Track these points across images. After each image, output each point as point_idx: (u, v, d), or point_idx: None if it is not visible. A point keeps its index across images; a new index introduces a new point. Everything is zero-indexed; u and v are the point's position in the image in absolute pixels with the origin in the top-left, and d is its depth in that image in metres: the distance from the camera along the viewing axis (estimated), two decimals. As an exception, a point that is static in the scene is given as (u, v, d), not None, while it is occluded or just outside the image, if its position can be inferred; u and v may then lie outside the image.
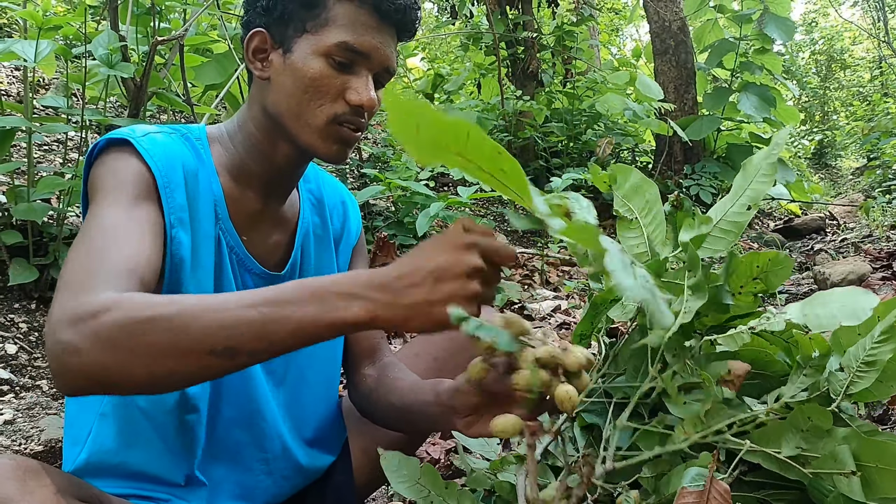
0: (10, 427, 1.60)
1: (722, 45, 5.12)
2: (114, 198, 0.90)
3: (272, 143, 1.05)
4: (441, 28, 7.03)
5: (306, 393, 1.19)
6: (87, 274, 0.79)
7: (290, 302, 0.75)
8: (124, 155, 0.94)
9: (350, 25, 0.98)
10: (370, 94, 0.99)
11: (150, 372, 0.73)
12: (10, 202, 2.04)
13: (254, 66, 1.03)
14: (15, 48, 1.86)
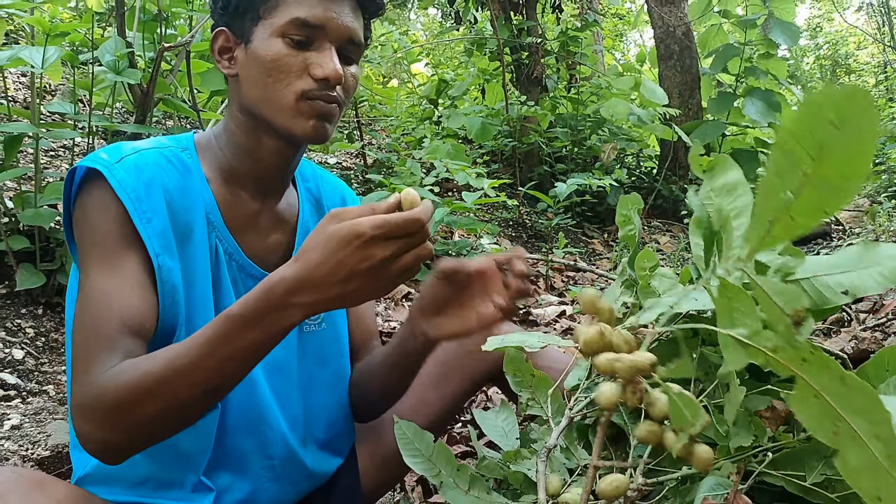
0: (17, 432, 1.60)
1: (727, 50, 5.12)
2: (98, 257, 0.93)
3: (255, 138, 1.04)
4: (445, 34, 7.04)
5: (317, 393, 1.19)
6: (87, 353, 0.88)
7: (236, 337, 0.81)
8: (100, 194, 0.95)
9: (300, 1, 0.97)
10: (333, 66, 0.97)
11: (151, 435, 0.88)
12: (18, 208, 2.05)
13: (222, 65, 1.04)
14: (22, 54, 1.87)
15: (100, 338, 0.89)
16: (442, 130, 5.15)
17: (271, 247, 1.13)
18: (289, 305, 0.80)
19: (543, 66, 5.16)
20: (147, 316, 0.93)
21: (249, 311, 0.81)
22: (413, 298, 2.92)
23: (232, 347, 0.82)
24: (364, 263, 0.78)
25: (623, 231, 0.97)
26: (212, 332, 0.83)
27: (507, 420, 1.09)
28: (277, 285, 0.80)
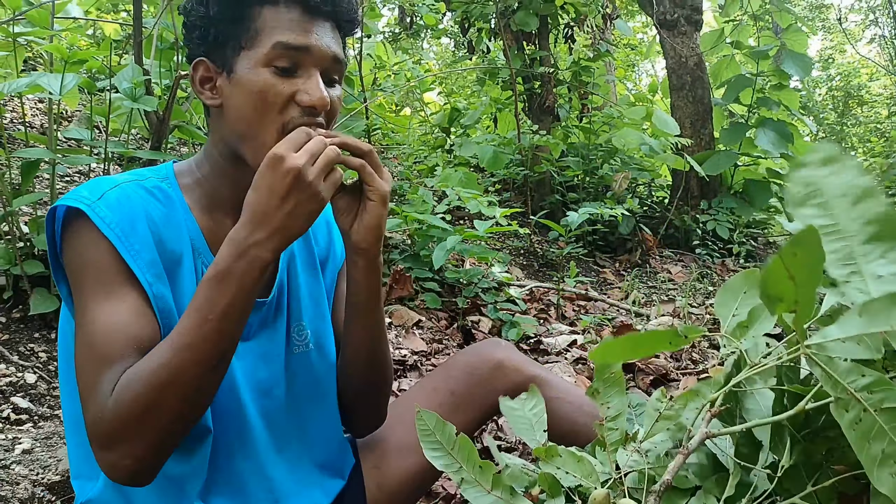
0: (28, 456, 1.60)
1: (739, 81, 5.13)
2: (97, 290, 0.94)
3: (240, 168, 1.04)
4: (458, 63, 7.10)
5: (310, 414, 1.18)
6: (94, 375, 0.90)
7: (220, 294, 0.89)
8: (86, 233, 0.96)
9: (281, 26, 0.97)
10: (321, 93, 0.98)
11: (177, 431, 0.91)
12: (33, 232, 2.07)
13: (203, 95, 1.04)
14: (41, 81, 1.90)
15: (109, 359, 0.90)
16: (454, 159, 5.17)
17: None
18: (250, 247, 0.89)
19: (555, 95, 5.19)
20: (155, 337, 0.94)
21: (220, 268, 0.89)
22: (423, 326, 2.91)
23: (220, 307, 0.88)
24: (289, 178, 0.88)
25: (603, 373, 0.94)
26: (196, 302, 0.89)
27: (534, 410, 1.02)
28: (233, 235, 0.90)
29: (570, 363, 2.49)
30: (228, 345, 0.91)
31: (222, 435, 1.06)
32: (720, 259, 4.67)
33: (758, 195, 5.04)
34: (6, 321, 2.05)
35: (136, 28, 2.02)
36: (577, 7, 5.01)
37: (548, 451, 0.90)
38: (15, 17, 2.00)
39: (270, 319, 1.14)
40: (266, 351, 1.13)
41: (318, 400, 1.20)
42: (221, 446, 1.06)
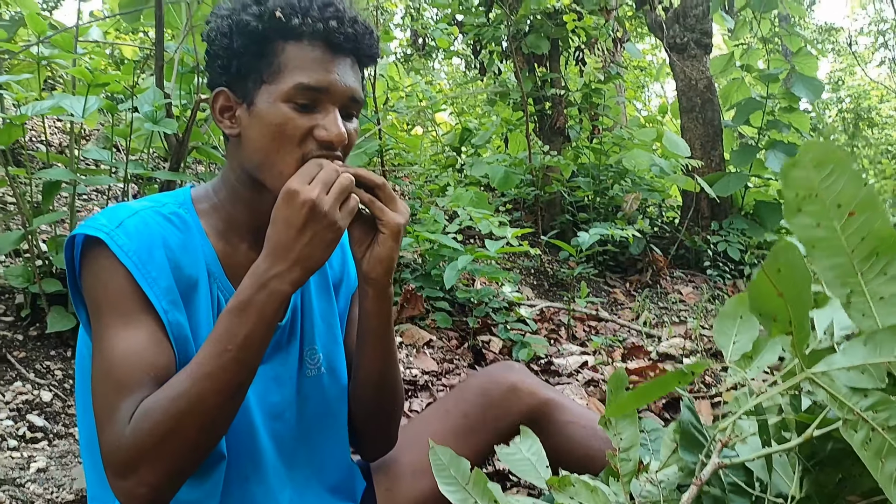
0: (43, 475, 1.62)
1: (749, 104, 5.15)
2: (115, 317, 0.96)
3: (256, 193, 1.07)
4: (469, 84, 7.16)
5: (322, 437, 1.20)
6: (111, 404, 0.92)
7: (240, 325, 0.91)
8: (104, 260, 0.98)
9: (304, 65, 0.99)
10: (338, 129, 1.00)
11: (194, 460, 0.92)
12: (52, 251, 2.10)
13: (223, 124, 1.06)
14: (64, 103, 1.93)
15: (126, 388, 0.92)
16: (465, 178, 5.20)
17: None
18: (270, 279, 0.92)
19: (566, 116, 5.22)
20: (171, 369, 0.97)
21: (241, 299, 0.92)
22: (433, 345, 2.92)
23: (239, 337, 0.91)
24: (305, 210, 0.91)
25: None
26: (216, 333, 0.92)
27: (531, 449, 1.03)
28: (254, 268, 0.93)
29: (581, 385, 2.50)
30: (247, 375, 0.93)
31: (235, 459, 1.07)
32: (731, 280, 4.66)
33: (769, 217, 5.04)
34: (23, 339, 2.07)
35: (157, 52, 2.06)
36: (587, 31, 5.05)
37: (561, 480, 0.91)
38: (40, 40, 2.05)
39: (284, 342, 1.16)
40: (278, 374, 1.14)
41: (330, 423, 1.21)
42: (234, 471, 1.08)
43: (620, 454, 0.90)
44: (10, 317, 2.12)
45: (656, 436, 1.05)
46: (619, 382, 0.87)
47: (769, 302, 0.68)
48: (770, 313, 0.69)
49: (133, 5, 2.74)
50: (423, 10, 7.92)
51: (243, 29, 1.00)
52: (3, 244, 2.01)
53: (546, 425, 1.27)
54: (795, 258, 0.66)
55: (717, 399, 2.37)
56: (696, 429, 0.87)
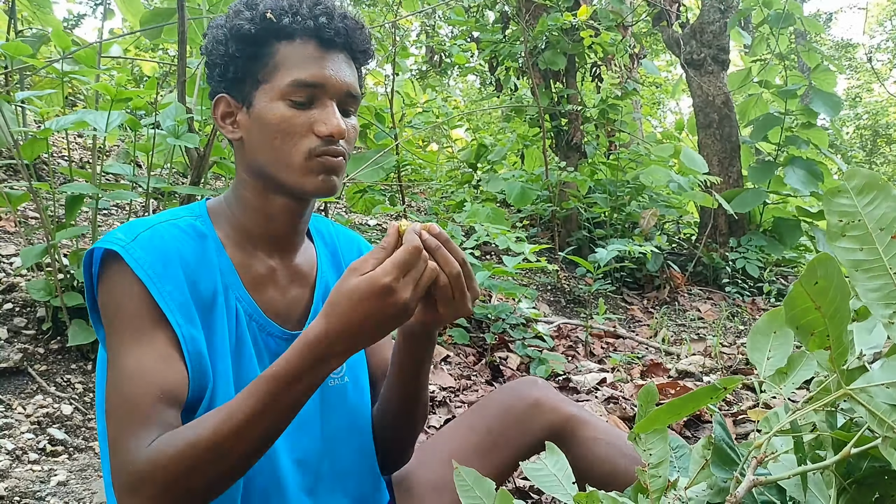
0: (63, 488, 1.62)
1: (767, 120, 5.13)
2: (128, 335, 0.96)
3: (265, 198, 1.08)
4: (485, 100, 7.18)
5: (344, 446, 1.19)
6: (125, 426, 0.91)
7: (282, 395, 0.88)
8: (120, 275, 0.98)
9: (297, 63, 1.01)
10: (337, 122, 1.02)
11: (208, 495, 0.90)
12: (73, 265, 2.11)
13: (225, 130, 1.08)
14: (87, 118, 1.95)
15: (138, 412, 0.92)
16: (481, 194, 5.20)
17: (292, 302, 1.15)
18: (329, 357, 0.88)
19: (583, 132, 5.22)
20: (181, 386, 0.96)
21: (293, 368, 0.88)
22: (451, 361, 2.91)
23: (280, 404, 0.88)
24: (391, 309, 0.87)
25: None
26: (258, 392, 0.88)
27: (557, 465, 1.00)
28: (316, 341, 0.88)
29: (600, 402, 2.47)
30: (277, 436, 0.92)
31: (254, 476, 1.07)
32: (750, 297, 4.62)
33: (788, 233, 5.01)
34: (44, 352, 2.08)
35: (180, 68, 2.08)
36: (604, 47, 5.05)
37: (588, 497, 0.89)
38: (64, 56, 2.07)
39: None
40: None
41: (353, 434, 1.21)
42: (253, 487, 1.07)
43: (650, 470, 0.88)
44: (32, 330, 2.13)
45: (681, 452, 1.03)
46: (649, 398, 0.86)
47: (806, 316, 0.67)
48: (807, 328, 0.67)
49: (154, 22, 2.77)
50: (439, 28, 7.97)
51: (237, 33, 1.02)
52: (26, 258, 2.02)
53: (569, 441, 1.25)
54: (833, 271, 0.65)
55: (740, 416, 2.34)
56: (729, 445, 0.85)
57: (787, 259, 5.24)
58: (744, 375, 2.91)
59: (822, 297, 0.66)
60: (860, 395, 0.71)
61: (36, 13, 3.22)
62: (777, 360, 0.83)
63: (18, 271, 2.29)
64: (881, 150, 13.73)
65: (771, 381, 0.82)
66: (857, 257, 0.72)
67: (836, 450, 0.79)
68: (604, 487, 0.92)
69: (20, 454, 1.72)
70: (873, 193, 0.71)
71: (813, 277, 0.66)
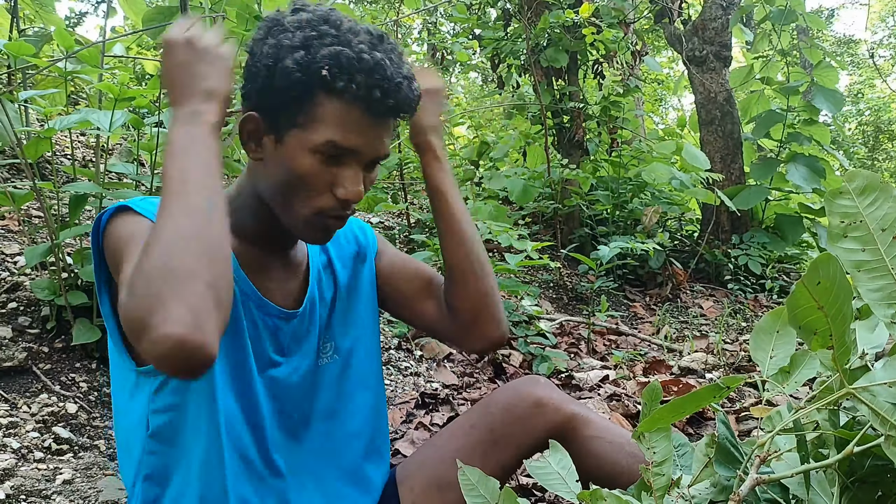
0: (68, 487, 1.62)
1: (769, 116, 5.12)
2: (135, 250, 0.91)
3: (266, 211, 1.09)
4: (487, 97, 7.17)
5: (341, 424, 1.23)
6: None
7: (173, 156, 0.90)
8: (129, 217, 0.99)
9: (339, 124, 0.98)
10: (358, 189, 1.02)
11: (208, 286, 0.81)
12: (77, 264, 2.11)
13: (248, 147, 1.07)
14: (91, 118, 1.95)
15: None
16: (483, 191, 5.20)
17: (287, 292, 1.17)
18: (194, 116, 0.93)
19: (585, 129, 5.21)
20: None
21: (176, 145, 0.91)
22: (453, 359, 2.91)
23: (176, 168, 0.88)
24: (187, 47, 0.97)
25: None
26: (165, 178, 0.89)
27: (561, 463, 1.02)
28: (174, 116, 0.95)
29: (603, 399, 2.48)
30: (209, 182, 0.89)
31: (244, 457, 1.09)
32: (752, 294, 4.62)
33: (790, 230, 5.00)
34: (48, 351, 2.09)
35: (182, 67, 2.08)
36: (606, 44, 5.05)
37: (592, 495, 0.90)
38: (68, 56, 2.08)
39: (303, 332, 1.18)
40: (297, 365, 1.17)
41: (352, 410, 1.24)
42: (246, 470, 1.09)
43: (654, 468, 0.89)
44: (36, 329, 2.13)
45: (684, 451, 1.04)
46: (653, 396, 0.86)
47: (809, 315, 0.67)
48: (810, 327, 0.68)
49: (156, 19, 2.77)
50: (441, 25, 7.97)
51: (285, 73, 0.98)
52: (30, 257, 2.03)
53: (572, 440, 1.26)
54: (836, 271, 0.66)
55: (743, 414, 2.34)
56: (732, 444, 0.86)
57: (789, 256, 5.24)
58: (746, 373, 2.91)
59: (824, 297, 0.67)
60: (863, 393, 0.72)
61: (38, 12, 3.23)
62: (780, 359, 0.84)
63: (22, 270, 2.30)
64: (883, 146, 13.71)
65: (774, 380, 0.83)
66: (859, 258, 0.73)
67: (838, 448, 0.79)
68: (607, 486, 0.92)
69: (26, 453, 1.73)
70: (874, 194, 0.72)
71: (815, 277, 0.66)
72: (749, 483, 0.76)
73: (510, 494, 0.90)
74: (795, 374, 0.82)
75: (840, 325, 0.69)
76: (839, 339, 0.69)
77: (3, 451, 1.70)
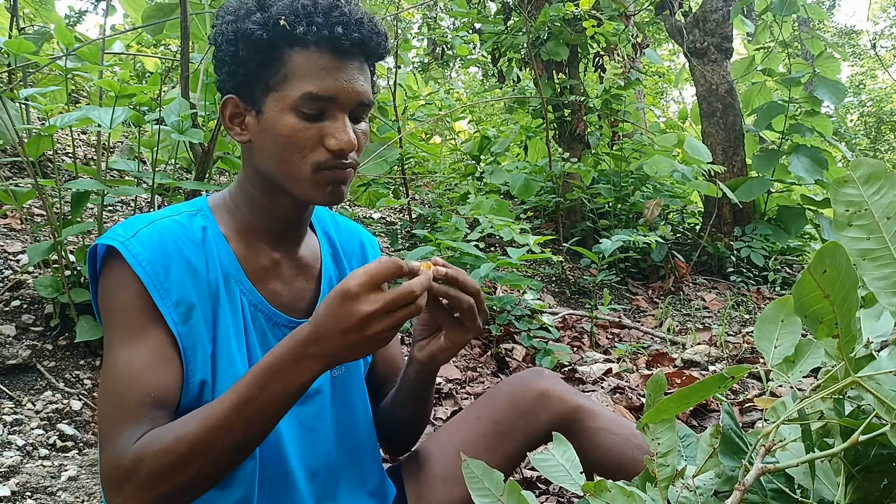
0: (73, 483, 1.63)
1: (771, 108, 5.11)
2: (122, 332, 0.97)
3: (271, 197, 1.08)
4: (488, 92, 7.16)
5: (347, 436, 1.21)
6: (113, 425, 0.92)
7: (262, 391, 0.88)
8: (118, 271, 0.98)
9: (311, 73, 0.98)
10: (348, 137, 1.00)
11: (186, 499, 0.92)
12: (79, 261, 2.12)
13: (233, 131, 1.06)
14: (92, 115, 1.96)
15: (126, 409, 0.93)
16: (484, 186, 5.19)
17: (297, 294, 1.15)
18: (306, 356, 0.89)
19: (586, 123, 5.21)
20: (171, 388, 0.97)
21: (273, 363, 0.89)
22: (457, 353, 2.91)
23: (260, 399, 0.88)
24: (352, 318, 0.86)
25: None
26: (239, 388, 0.89)
27: (565, 455, 1.01)
28: (296, 337, 0.90)
29: (606, 392, 2.48)
30: (259, 435, 0.92)
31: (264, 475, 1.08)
32: (755, 286, 4.62)
33: (792, 222, 5.00)
34: (52, 348, 2.09)
35: (183, 63, 2.08)
36: (606, 37, 5.04)
37: (597, 486, 0.90)
38: (68, 53, 2.08)
39: None
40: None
41: (356, 421, 1.23)
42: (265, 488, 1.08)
43: (658, 459, 0.89)
44: (40, 327, 2.14)
45: (688, 441, 1.04)
46: (658, 387, 0.86)
47: (815, 304, 0.67)
48: (815, 316, 0.68)
49: (156, 17, 2.77)
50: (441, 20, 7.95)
51: (248, 37, 0.98)
52: (33, 255, 2.03)
53: (577, 432, 1.26)
54: (841, 259, 0.65)
55: (746, 406, 2.34)
56: (737, 434, 0.86)
57: (791, 247, 5.24)
58: (750, 364, 2.91)
59: (830, 286, 0.66)
60: (868, 382, 0.71)
61: (38, 10, 3.23)
62: (785, 348, 0.83)
63: (25, 268, 2.30)
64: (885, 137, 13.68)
65: (779, 370, 0.82)
66: (865, 246, 0.72)
67: (843, 437, 0.79)
68: (611, 477, 0.92)
69: (31, 450, 1.73)
70: (879, 182, 0.72)
71: (821, 266, 0.66)
72: (754, 473, 0.76)
73: (514, 487, 0.89)
74: (800, 364, 0.82)
75: (846, 313, 0.68)
76: (845, 328, 0.69)
77: (8, 449, 1.71)
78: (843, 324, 0.68)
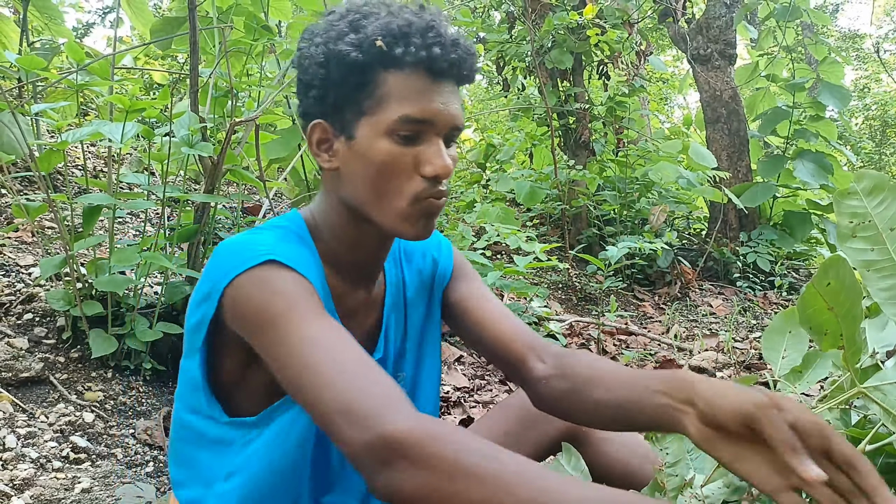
0: (87, 495, 1.64)
1: (775, 114, 5.12)
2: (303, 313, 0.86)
3: (357, 228, 1.03)
4: (493, 100, 7.19)
5: None
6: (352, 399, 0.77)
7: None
8: (283, 272, 0.91)
9: (408, 96, 0.93)
10: (445, 162, 0.94)
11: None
12: (91, 274, 2.14)
13: (320, 158, 1.01)
14: (103, 129, 1.98)
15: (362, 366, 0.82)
16: (490, 194, 5.21)
17: (367, 331, 1.13)
18: None
19: (591, 130, 5.23)
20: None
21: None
22: (464, 361, 2.92)
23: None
24: None
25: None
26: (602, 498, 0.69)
27: (574, 465, 1.03)
28: None
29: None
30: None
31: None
32: (762, 291, 4.62)
33: (798, 227, 5.00)
34: (65, 361, 2.11)
35: (192, 77, 2.10)
36: (610, 44, 5.06)
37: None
38: (79, 68, 2.10)
39: None
40: None
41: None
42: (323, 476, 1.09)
43: (667, 469, 0.90)
44: (52, 339, 2.16)
45: (697, 451, 1.05)
46: None
47: (819, 316, 0.68)
48: (820, 328, 0.69)
49: (165, 32, 2.80)
50: (445, 28, 7.97)
51: (341, 60, 0.93)
52: (45, 268, 2.05)
53: (584, 442, 1.27)
54: (845, 272, 0.67)
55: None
56: (745, 444, 0.87)
57: (798, 252, 5.24)
58: (757, 371, 2.92)
59: (834, 298, 0.68)
60: (874, 392, 0.73)
61: (47, 24, 3.26)
62: (792, 359, 0.85)
63: (37, 281, 2.32)
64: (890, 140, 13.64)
65: (786, 380, 0.84)
66: (869, 257, 0.74)
67: (851, 447, 0.80)
68: (620, 487, 0.93)
69: (44, 462, 1.75)
70: (882, 194, 0.73)
71: (825, 279, 0.67)
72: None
73: None
74: (807, 374, 0.83)
75: (850, 325, 0.70)
76: (850, 340, 0.70)
77: (22, 461, 1.72)
78: (847, 335, 0.69)
